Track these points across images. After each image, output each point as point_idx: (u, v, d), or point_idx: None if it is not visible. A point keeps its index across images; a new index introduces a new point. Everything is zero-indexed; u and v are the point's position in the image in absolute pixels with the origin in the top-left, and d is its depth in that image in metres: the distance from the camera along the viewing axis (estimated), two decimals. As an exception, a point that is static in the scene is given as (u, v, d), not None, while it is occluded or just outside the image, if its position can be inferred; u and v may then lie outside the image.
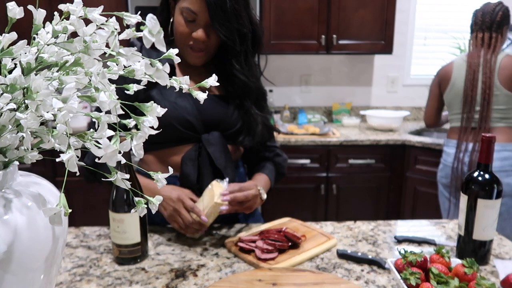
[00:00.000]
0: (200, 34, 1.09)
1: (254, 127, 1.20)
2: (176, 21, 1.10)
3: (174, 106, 1.11)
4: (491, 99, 2.01)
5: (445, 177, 2.19)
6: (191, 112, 1.13)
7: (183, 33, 1.10)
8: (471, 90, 2.04)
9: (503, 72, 1.98)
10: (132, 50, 0.55)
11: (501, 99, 2.00)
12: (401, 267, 0.86)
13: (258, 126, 1.20)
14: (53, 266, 0.62)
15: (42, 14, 0.54)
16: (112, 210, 0.97)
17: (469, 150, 2.07)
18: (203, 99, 0.64)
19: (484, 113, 2.04)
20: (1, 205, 0.53)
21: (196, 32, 1.09)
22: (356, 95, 3.29)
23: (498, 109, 2.02)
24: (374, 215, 2.75)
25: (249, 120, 1.20)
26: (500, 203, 0.98)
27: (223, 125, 1.18)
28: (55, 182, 0.65)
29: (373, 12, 2.77)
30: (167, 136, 1.12)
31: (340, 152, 2.67)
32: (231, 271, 0.97)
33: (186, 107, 1.12)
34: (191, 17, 1.08)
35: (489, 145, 0.96)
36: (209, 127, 1.16)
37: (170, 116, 1.08)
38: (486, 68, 2.00)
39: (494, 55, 2.00)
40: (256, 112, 1.21)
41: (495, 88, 2.00)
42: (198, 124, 1.14)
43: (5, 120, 0.51)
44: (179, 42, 1.13)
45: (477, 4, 2.21)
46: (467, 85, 2.06)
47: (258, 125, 1.20)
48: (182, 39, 1.11)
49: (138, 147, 0.55)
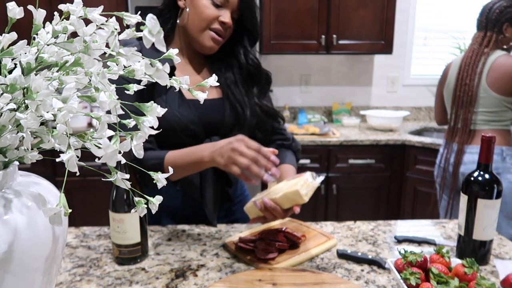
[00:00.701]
0: (228, 19, 1.11)
1: (242, 119, 1.19)
2: (202, 4, 1.09)
3: (176, 115, 1.12)
4: (473, 101, 1.95)
5: (437, 176, 2.20)
6: (194, 121, 1.13)
7: (210, 16, 1.09)
8: (459, 90, 2.01)
9: (492, 74, 1.90)
10: (132, 50, 0.55)
11: (489, 101, 1.93)
12: (401, 267, 0.86)
13: (246, 117, 1.19)
14: (53, 266, 0.62)
15: (42, 14, 0.54)
16: (112, 210, 0.97)
17: (454, 150, 2.05)
18: (203, 99, 0.65)
19: (466, 115, 1.99)
20: (1, 205, 0.53)
21: (224, 16, 1.10)
22: (356, 95, 3.30)
23: (485, 111, 1.95)
24: (374, 215, 2.76)
25: (237, 111, 1.19)
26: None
27: (223, 129, 1.19)
28: (55, 182, 0.65)
29: (373, 12, 2.77)
30: (169, 141, 1.13)
31: (340, 152, 2.67)
32: (231, 271, 0.97)
33: (189, 116, 1.13)
34: (220, 1, 1.09)
35: (489, 145, 0.96)
36: (210, 132, 1.17)
37: (173, 125, 1.11)
38: (471, 69, 1.95)
39: (484, 56, 1.94)
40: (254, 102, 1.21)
41: (482, 90, 1.93)
42: (200, 132, 1.15)
43: (5, 120, 0.51)
44: (199, 26, 1.11)
45: (477, 4, 2.21)
46: (456, 84, 2.03)
47: (246, 115, 1.19)
48: (207, 21, 1.10)
49: (138, 147, 0.55)
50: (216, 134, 1.18)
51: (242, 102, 1.20)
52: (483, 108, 1.96)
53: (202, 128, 1.15)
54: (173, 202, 1.22)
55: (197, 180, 1.16)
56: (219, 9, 1.10)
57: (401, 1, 3.05)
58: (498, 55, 1.92)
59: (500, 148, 1.92)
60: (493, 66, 1.91)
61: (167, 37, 1.18)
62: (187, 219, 1.24)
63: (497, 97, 1.91)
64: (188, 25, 1.13)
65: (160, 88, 1.11)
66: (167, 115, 1.10)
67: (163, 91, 1.12)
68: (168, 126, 1.10)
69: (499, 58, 1.91)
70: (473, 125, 2.00)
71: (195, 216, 1.23)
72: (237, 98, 1.20)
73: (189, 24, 1.13)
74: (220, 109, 1.19)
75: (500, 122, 1.95)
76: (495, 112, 1.94)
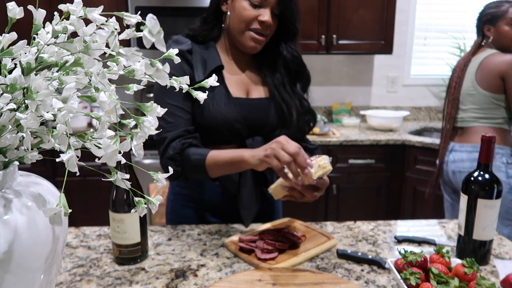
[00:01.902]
0: (268, 17, 1.11)
1: (288, 119, 1.21)
2: (240, 6, 1.11)
3: (222, 112, 1.14)
4: (455, 100, 2.02)
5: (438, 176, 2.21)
6: (238, 119, 1.15)
7: (248, 17, 1.11)
8: (452, 88, 2.08)
9: (480, 72, 1.96)
10: (132, 50, 0.55)
11: (478, 98, 1.98)
12: (401, 267, 0.87)
13: (292, 118, 1.21)
14: (53, 266, 0.62)
15: (42, 14, 0.54)
16: (112, 210, 0.97)
17: (448, 148, 2.08)
18: (203, 99, 0.65)
19: (449, 113, 2.06)
20: (1, 205, 0.53)
21: (263, 15, 1.11)
22: (356, 95, 3.29)
23: (475, 108, 1.99)
24: (374, 215, 2.75)
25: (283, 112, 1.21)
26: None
27: (266, 129, 1.21)
28: (55, 182, 0.65)
29: (373, 12, 2.77)
30: (213, 137, 1.16)
31: (340, 152, 2.67)
32: (231, 271, 0.97)
33: (234, 114, 1.15)
34: (259, 1, 1.10)
35: (489, 145, 0.96)
36: (253, 131, 1.19)
37: (219, 121, 1.13)
38: (459, 70, 2.03)
39: (473, 56, 2.01)
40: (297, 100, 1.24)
41: (472, 87, 1.99)
42: (243, 130, 1.17)
43: (5, 120, 0.51)
44: (239, 28, 1.13)
45: (477, 4, 2.21)
46: (449, 84, 2.11)
47: (292, 116, 1.21)
48: (245, 23, 1.12)
49: (138, 147, 0.55)
50: (258, 133, 1.20)
51: (290, 104, 1.21)
52: (472, 105, 2.00)
53: (246, 126, 1.17)
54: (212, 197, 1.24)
55: (236, 175, 1.18)
56: (257, 9, 1.11)
57: (401, 1, 3.05)
58: (488, 53, 1.97)
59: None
60: (482, 64, 1.96)
61: (217, 38, 1.21)
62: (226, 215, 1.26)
63: (486, 94, 1.95)
64: (230, 28, 1.16)
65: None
66: (212, 112, 1.13)
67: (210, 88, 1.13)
68: (213, 122, 1.13)
69: (488, 57, 1.96)
70: (462, 123, 2.04)
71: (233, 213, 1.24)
72: (285, 99, 1.22)
73: (231, 27, 1.15)
74: (265, 109, 1.21)
75: (491, 120, 1.98)
76: (484, 109, 1.97)
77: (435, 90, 3.31)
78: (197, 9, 2.58)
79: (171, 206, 1.31)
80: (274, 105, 1.22)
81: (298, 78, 1.26)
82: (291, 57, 1.22)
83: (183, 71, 1.12)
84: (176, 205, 1.30)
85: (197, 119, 1.15)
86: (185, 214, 1.27)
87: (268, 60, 1.24)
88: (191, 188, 1.26)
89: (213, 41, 1.21)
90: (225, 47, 1.22)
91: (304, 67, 1.26)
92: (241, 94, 1.20)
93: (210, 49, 1.18)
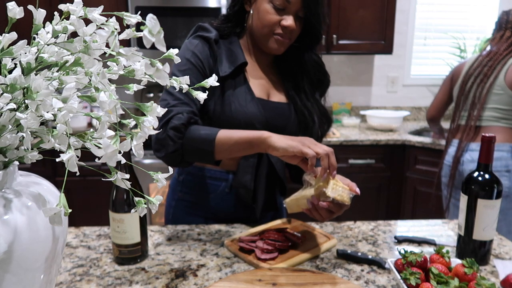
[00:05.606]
0: (291, 22, 1.09)
1: (311, 125, 1.21)
2: (263, 9, 1.09)
3: (245, 111, 1.12)
4: (482, 97, 1.97)
5: (444, 176, 2.20)
6: (260, 120, 1.14)
7: (271, 21, 1.09)
8: (470, 87, 2.02)
9: (511, 74, 1.92)
10: (132, 50, 0.55)
11: (504, 99, 1.95)
12: (401, 267, 0.87)
13: (315, 124, 1.21)
14: (53, 266, 0.62)
15: (42, 14, 0.54)
16: (112, 210, 0.97)
17: (468, 149, 2.05)
18: (203, 99, 0.65)
19: (473, 111, 2.01)
20: (1, 205, 0.53)
21: (286, 20, 1.09)
22: (356, 95, 3.29)
23: (499, 108, 1.98)
24: (374, 215, 2.75)
25: (305, 118, 1.21)
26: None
27: (284, 133, 1.18)
28: (55, 182, 0.65)
29: (373, 12, 2.77)
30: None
31: (340, 152, 2.67)
32: (231, 271, 0.97)
33: (256, 114, 1.13)
34: (282, 5, 1.08)
35: (489, 145, 0.96)
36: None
37: (240, 120, 1.11)
38: (487, 67, 1.96)
39: (503, 54, 1.95)
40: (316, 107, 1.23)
41: (499, 87, 1.95)
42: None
43: (5, 120, 0.51)
44: (262, 31, 1.12)
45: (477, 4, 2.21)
46: (467, 82, 2.04)
47: (315, 123, 1.21)
48: (269, 27, 1.10)
49: (138, 147, 0.55)
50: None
51: (311, 110, 1.21)
52: (495, 104, 1.97)
53: (266, 128, 1.13)
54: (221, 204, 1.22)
55: (250, 183, 1.16)
56: (280, 12, 1.09)
57: (401, 1, 3.05)
58: None
59: (510, 146, 1.93)
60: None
61: (240, 34, 1.19)
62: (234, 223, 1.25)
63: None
64: (253, 28, 1.14)
65: (230, 82, 1.12)
66: (234, 110, 1.11)
67: (232, 86, 1.12)
68: (234, 121, 1.11)
69: None
70: (480, 121, 2.01)
71: (241, 221, 1.24)
72: (306, 106, 1.21)
73: (253, 27, 1.14)
74: (286, 113, 1.20)
75: (511, 120, 1.97)
76: (507, 110, 1.96)
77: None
78: (197, 9, 2.58)
79: (173, 212, 1.27)
80: (295, 111, 1.20)
81: (319, 84, 1.24)
82: (313, 62, 1.21)
83: (208, 61, 1.09)
84: (178, 212, 1.26)
85: (215, 116, 1.12)
86: (189, 222, 1.24)
87: (289, 65, 1.22)
88: (197, 194, 1.23)
89: (236, 37, 1.18)
90: (248, 47, 1.20)
91: (325, 73, 1.24)
92: (263, 95, 1.18)
93: (233, 44, 1.16)
